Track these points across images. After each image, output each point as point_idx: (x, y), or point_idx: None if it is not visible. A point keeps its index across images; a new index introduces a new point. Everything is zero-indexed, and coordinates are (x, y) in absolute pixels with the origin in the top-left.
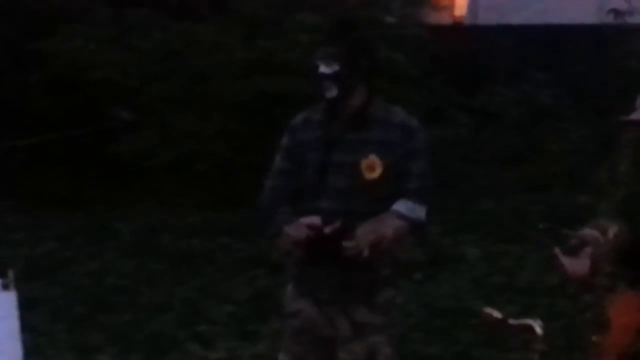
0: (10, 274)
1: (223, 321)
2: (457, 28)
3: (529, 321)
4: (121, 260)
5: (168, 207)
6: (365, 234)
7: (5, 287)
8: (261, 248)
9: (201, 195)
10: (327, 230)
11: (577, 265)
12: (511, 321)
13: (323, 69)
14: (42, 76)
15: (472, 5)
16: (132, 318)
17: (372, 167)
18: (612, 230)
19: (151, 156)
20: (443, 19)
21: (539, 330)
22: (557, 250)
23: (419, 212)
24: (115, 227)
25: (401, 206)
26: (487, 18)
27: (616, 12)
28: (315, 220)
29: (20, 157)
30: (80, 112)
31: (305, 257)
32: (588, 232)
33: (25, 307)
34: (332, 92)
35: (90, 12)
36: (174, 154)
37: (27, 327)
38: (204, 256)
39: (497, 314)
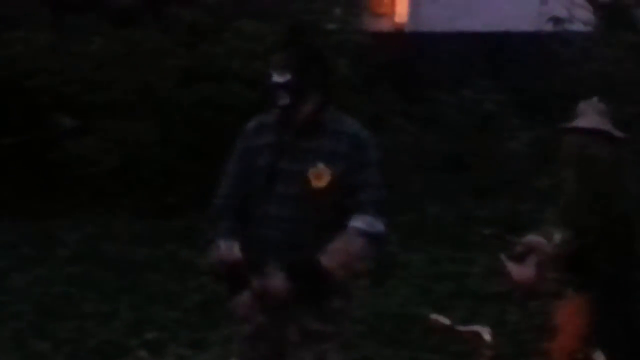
0: None
1: (172, 328)
2: (399, 35)
3: (477, 327)
4: (67, 268)
5: (112, 214)
6: (334, 258)
7: None
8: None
9: (146, 202)
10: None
11: (523, 271)
12: (459, 327)
13: (276, 78)
14: None
15: (413, 13)
16: (80, 325)
17: (320, 175)
18: (557, 237)
19: (94, 163)
20: (384, 26)
21: (487, 336)
22: (503, 257)
23: (378, 225)
24: (60, 235)
25: (360, 222)
26: (428, 25)
27: (556, 20)
28: (233, 254)
29: None
30: (21, 118)
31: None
32: (533, 238)
33: None
34: (285, 101)
35: (31, 18)
36: (117, 161)
37: None
38: (150, 263)
39: (444, 321)
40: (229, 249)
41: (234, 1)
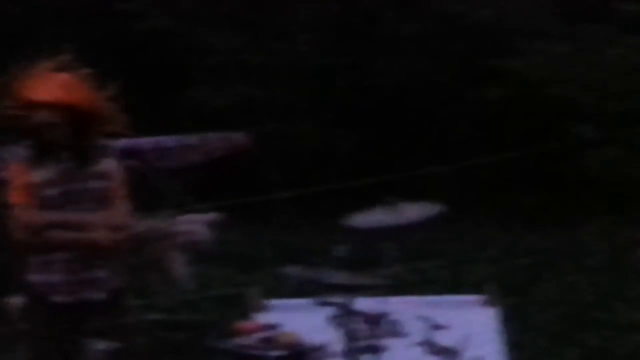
0: (491, 290)
1: None
2: None
3: None
4: (596, 277)
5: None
6: None
7: (487, 303)
8: None
9: None
10: None
11: None
12: None
13: None
14: (501, 93)
15: None
16: (611, 334)
17: None
18: None
19: (616, 172)
20: None
21: None
22: None
23: None
24: (590, 243)
25: None
26: None
27: None
28: None
29: (488, 174)
30: (540, 127)
31: None
32: None
33: (504, 323)
34: None
35: (546, 29)
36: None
37: (507, 343)
38: None
39: None
40: None
41: None
